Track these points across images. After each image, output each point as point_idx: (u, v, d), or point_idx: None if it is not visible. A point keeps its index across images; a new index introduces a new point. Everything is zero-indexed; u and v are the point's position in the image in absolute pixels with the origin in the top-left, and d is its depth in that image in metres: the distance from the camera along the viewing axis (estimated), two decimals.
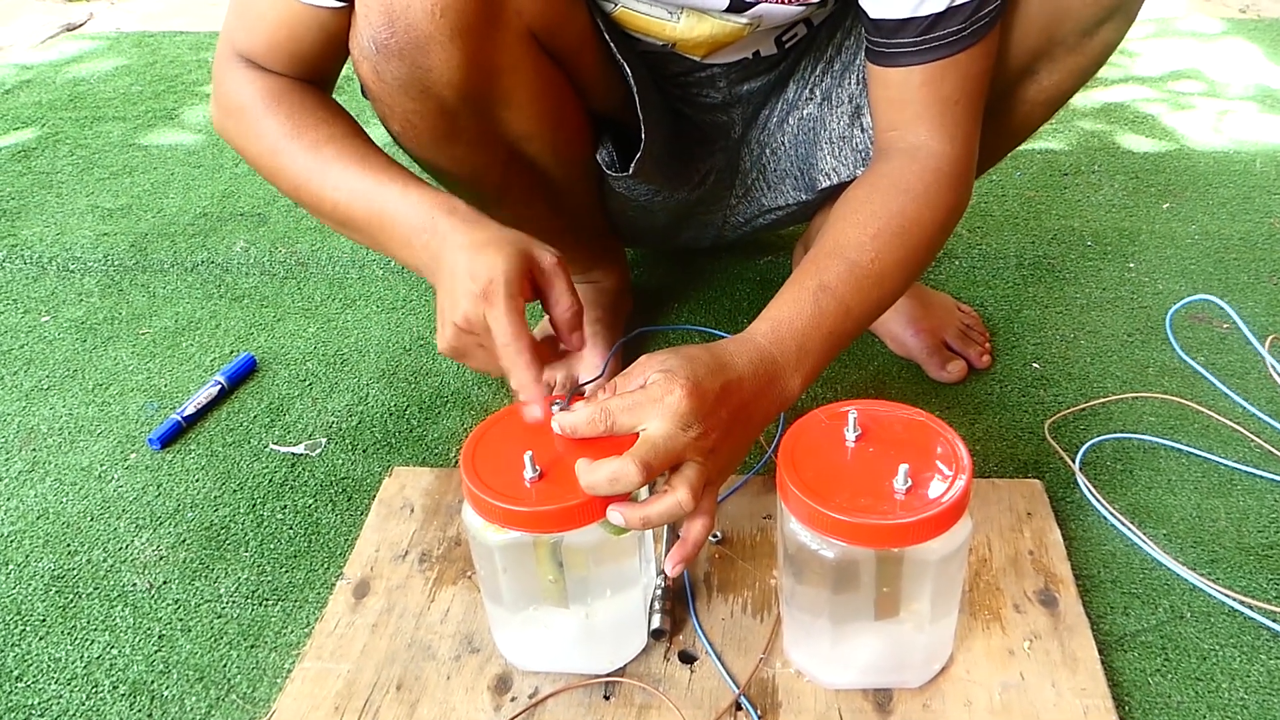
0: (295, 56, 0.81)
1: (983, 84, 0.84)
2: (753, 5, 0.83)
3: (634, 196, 1.02)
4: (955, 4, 0.77)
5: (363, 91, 0.83)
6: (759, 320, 0.74)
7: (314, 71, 0.83)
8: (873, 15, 0.80)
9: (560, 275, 0.74)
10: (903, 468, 0.64)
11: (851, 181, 0.86)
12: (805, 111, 1.02)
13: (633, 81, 0.88)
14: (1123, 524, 0.88)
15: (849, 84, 0.98)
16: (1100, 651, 0.76)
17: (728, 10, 0.84)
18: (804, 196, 1.07)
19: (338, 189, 0.79)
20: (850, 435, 0.69)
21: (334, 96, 0.86)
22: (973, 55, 0.80)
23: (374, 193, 0.77)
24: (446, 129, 0.83)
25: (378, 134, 0.85)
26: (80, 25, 2.36)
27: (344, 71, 0.86)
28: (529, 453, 0.67)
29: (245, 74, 0.82)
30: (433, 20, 0.74)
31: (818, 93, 1.01)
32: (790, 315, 0.73)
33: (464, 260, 0.71)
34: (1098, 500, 0.90)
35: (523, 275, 0.71)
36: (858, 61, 0.97)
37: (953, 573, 0.69)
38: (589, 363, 1.08)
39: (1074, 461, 0.94)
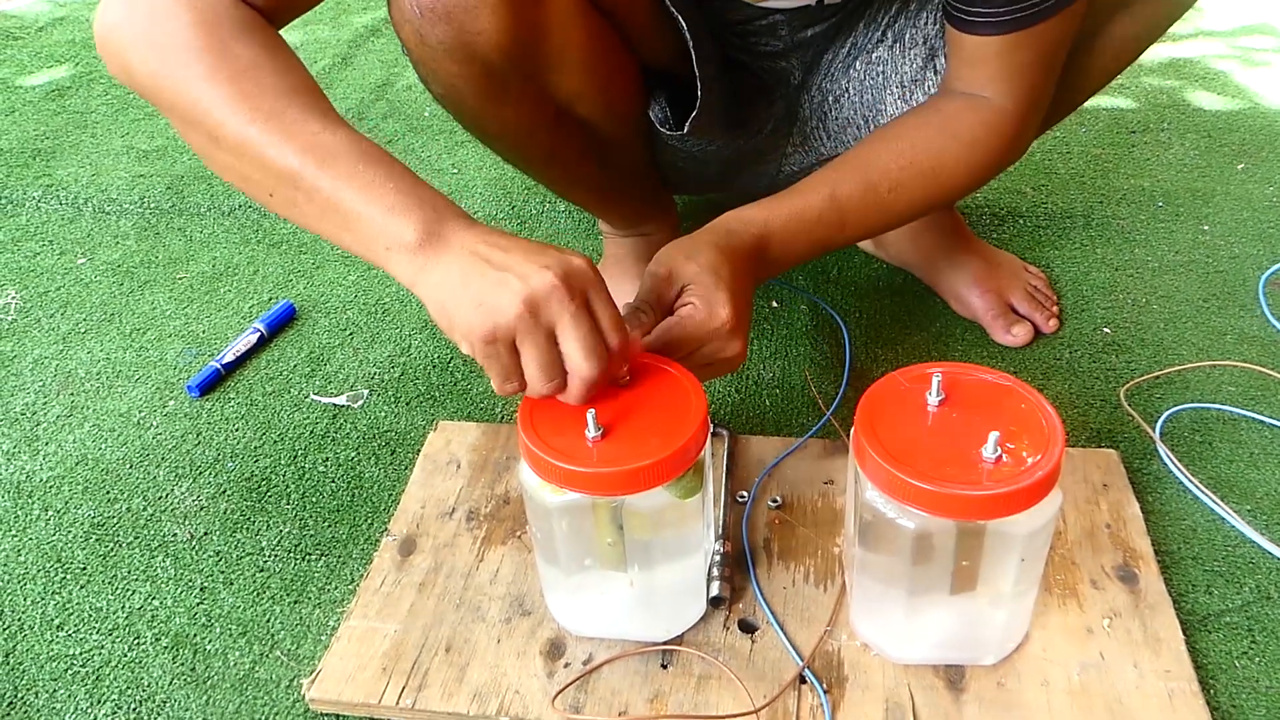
0: None
1: (1060, 49, 0.81)
2: None
3: (686, 148, 0.98)
4: None
5: (404, 49, 0.78)
6: (763, 206, 0.79)
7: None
8: None
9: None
10: (993, 435, 0.60)
11: None
12: (874, 55, 0.97)
13: (689, 35, 0.83)
14: (1208, 497, 0.83)
15: (924, 24, 0.93)
16: (1183, 632, 0.72)
17: None
18: None
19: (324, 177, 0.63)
20: (933, 399, 0.65)
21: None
22: (1052, 24, 0.77)
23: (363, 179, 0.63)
24: (493, 92, 0.79)
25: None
26: None
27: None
28: (592, 411, 0.63)
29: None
30: None
31: (889, 34, 0.95)
32: (791, 212, 0.79)
33: (517, 259, 0.61)
34: (1182, 472, 0.86)
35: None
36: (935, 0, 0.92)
37: (1038, 548, 0.65)
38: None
39: (1154, 430, 0.90)
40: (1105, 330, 1.05)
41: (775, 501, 0.83)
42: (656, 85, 0.93)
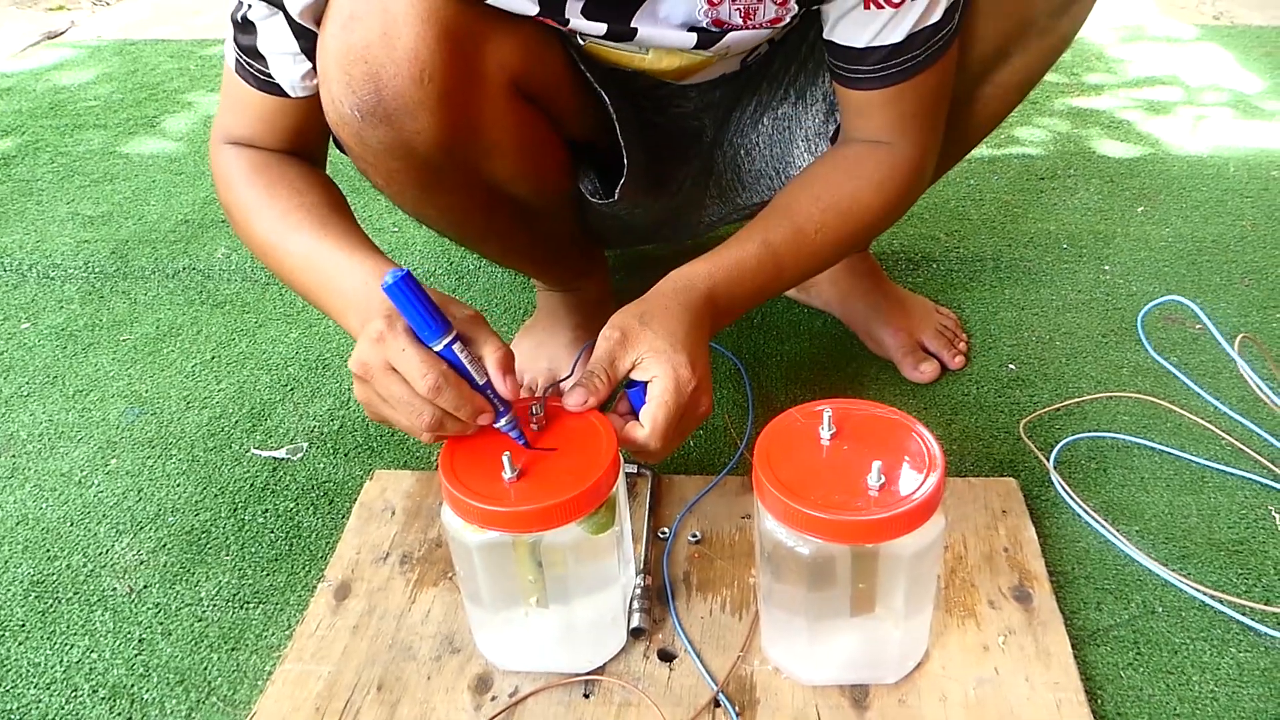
0: (278, 135, 0.86)
1: (941, 94, 0.88)
2: (720, 38, 0.82)
3: (614, 213, 1.03)
4: (913, 32, 0.79)
5: (338, 145, 0.82)
6: (704, 261, 0.81)
7: (300, 146, 0.87)
8: (834, 41, 0.83)
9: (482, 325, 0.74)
10: (875, 464, 0.65)
11: None
12: (780, 111, 1.03)
13: (613, 111, 0.89)
14: (1096, 521, 0.89)
15: (823, 82, 0.99)
16: (1073, 646, 0.77)
17: (696, 48, 0.84)
18: None
19: (294, 254, 0.80)
20: (825, 434, 0.70)
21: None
22: (929, 74, 0.84)
23: (324, 258, 0.78)
24: (430, 182, 0.83)
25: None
26: (61, 33, 2.36)
27: None
28: (507, 453, 0.67)
29: (234, 150, 0.86)
30: (420, 87, 0.72)
31: (792, 92, 1.02)
32: (733, 263, 0.82)
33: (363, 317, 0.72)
34: (1071, 497, 0.91)
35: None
36: None
37: (926, 569, 0.69)
38: (567, 365, 1.09)
39: (1049, 460, 0.96)
40: (1011, 366, 1.11)
41: (695, 536, 0.88)
42: (583, 160, 0.98)
